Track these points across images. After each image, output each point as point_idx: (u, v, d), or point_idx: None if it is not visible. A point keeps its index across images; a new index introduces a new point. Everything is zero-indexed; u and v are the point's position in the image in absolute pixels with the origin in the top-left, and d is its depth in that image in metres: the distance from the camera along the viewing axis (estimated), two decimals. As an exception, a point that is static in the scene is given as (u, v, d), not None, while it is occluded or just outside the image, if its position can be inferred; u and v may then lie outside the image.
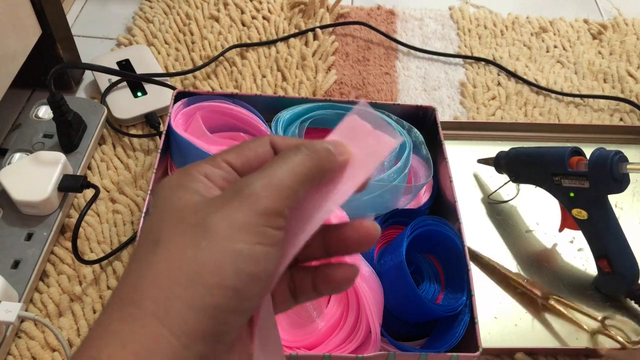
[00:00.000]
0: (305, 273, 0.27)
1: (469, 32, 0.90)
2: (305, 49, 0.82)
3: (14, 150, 0.63)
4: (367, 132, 0.27)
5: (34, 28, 0.65)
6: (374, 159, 0.26)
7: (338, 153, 0.26)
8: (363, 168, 0.26)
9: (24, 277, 0.53)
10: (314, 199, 0.25)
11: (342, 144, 0.26)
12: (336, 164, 0.26)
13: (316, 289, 0.26)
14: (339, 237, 0.26)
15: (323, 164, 0.25)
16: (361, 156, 0.26)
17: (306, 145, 0.25)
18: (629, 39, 0.91)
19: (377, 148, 0.26)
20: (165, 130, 0.59)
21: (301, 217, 0.25)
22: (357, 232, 0.26)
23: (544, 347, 0.55)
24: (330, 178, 0.26)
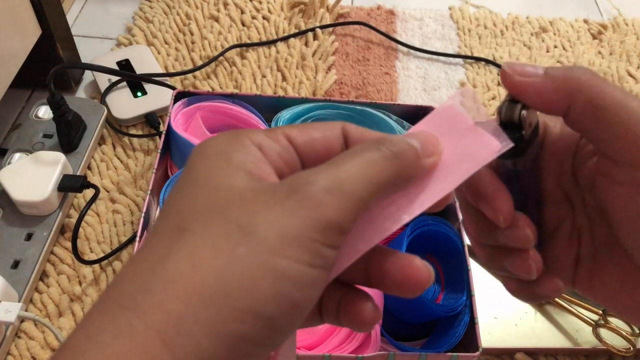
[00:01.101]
0: (335, 293, 0.21)
1: (469, 32, 0.90)
2: (305, 49, 0.82)
3: (13, 150, 0.63)
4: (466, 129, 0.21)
5: (34, 28, 0.65)
6: (469, 164, 0.20)
7: (425, 154, 0.20)
8: (453, 174, 0.20)
9: (24, 277, 0.53)
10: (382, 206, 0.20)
11: (433, 142, 0.21)
12: (421, 169, 0.20)
13: (338, 316, 0.21)
14: (381, 268, 0.21)
15: (407, 171, 0.20)
16: (453, 158, 0.21)
17: (386, 143, 0.19)
18: (629, 39, 0.91)
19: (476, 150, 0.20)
20: (165, 130, 0.59)
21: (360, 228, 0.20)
22: (401, 272, 0.20)
23: (544, 347, 0.55)
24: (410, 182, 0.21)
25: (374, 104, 0.65)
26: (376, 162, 0.19)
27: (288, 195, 0.18)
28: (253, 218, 0.17)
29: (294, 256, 0.17)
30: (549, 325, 0.57)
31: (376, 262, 0.21)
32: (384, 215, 0.20)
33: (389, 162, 0.19)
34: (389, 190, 0.19)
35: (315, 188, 0.18)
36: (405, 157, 0.20)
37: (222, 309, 0.16)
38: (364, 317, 0.21)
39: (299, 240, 0.17)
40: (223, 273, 0.16)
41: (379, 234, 0.20)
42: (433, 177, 0.20)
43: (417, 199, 0.20)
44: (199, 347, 0.15)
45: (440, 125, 0.21)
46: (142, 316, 0.16)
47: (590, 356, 0.56)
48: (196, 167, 0.19)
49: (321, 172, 0.18)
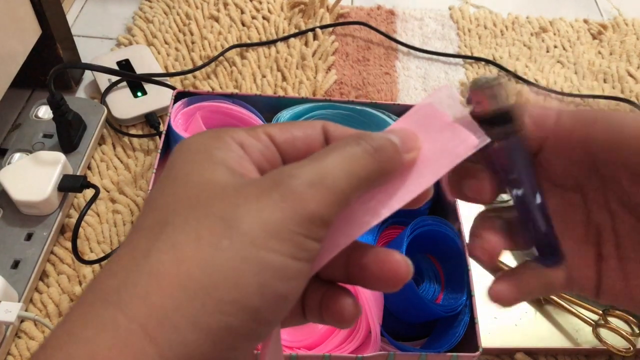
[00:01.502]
0: (317, 291, 0.22)
1: (469, 32, 0.90)
2: (305, 49, 0.82)
3: (13, 150, 0.63)
4: (444, 125, 0.21)
5: (34, 28, 0.65)
6: (447, 158, 0.21)
7: (405, 149, 0.21)
8: (432, 169, 0.21)
9: (24, 277, 0.53)
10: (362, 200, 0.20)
11: (412, 137, 0.21)
12: (401, 164, 0.21)
13: (320, 314, 0.21)
14: (360, 263, 0.21)
15: (387, 165, 0.20)
16: (432, 153, 0.21)
17: (366, 139, 0.20)
18: (629, 39, 0.91)
19: (454, 146, 0.21)
20: (165, 130, 0.59)
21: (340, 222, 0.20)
22: (380, 266, 0.20)
23: (544, 347, 0.55)
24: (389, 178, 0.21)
25: (374, 104, 0.65)
26: (357, 156, 0.19)
27: (271, 189, 0.18)
28: (236, 211, 0.17)
29: (278, 248, 0.17)
30: (549, 325, 0.57)
31: (356, 257, 0.21)
32: (364, 210, 0.20)
33: (370, 157, 0.19)
34: (369, 184, 0.20)
35: (297, 181, 0.18)
36: (385, 151, 0.20)
37: (207, 301, 0.16)
38: (345, 313, 0.21)
39: (282, 232, 0.17)
40: (207, 265, 0.16)
41: (358, 228, 0.20)
42: (412, 172, 0.21)
43: (397, 193, 0.21)
44: (184, 340, 0.15)
45: (419, 122, 0.22)
46: (126, 310, 0.15)
47: (590, 356, 0.56)
48: (177, 164, 0.19)
49: (303, 166, 0.18)
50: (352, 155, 0.19)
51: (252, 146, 0.20)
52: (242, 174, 0.19)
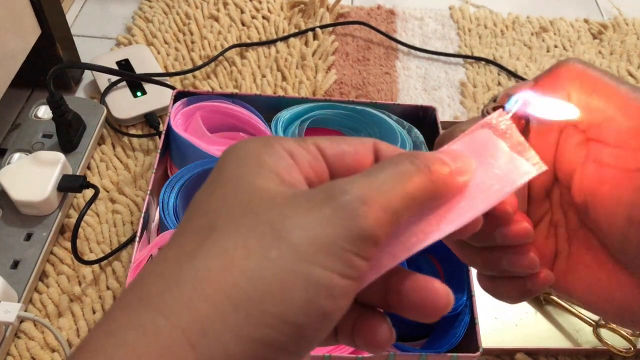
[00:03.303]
0: (351, 312, 0.20)
1: (469, 32, 0.90)
2: (305, 49, 0.82)
3: (13, 150, 0.62)
4: (498, 152, 0.21)
5: (33, 28, 0.65)
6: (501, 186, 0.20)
7: (458, 172, 0.20)
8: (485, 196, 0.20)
9: (24, 278, 0.53)
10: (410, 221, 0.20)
11: (465, 160, 0.21)
12: (454, 187, 0.20)
13: (352, 336, 0.21)
14: (399, 289, 0.20)
15: (440, 187, 0.19)
16: (485, 180, 0.20)
17: (420, 158, 0.19)
18: (629, 39, 0.91)
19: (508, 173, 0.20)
20: (164, 130, 0.59)
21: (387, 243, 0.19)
22: (419, 295, 0.20)
23: (544, 347, 0.55)
24: None
25: (374, 103, 0.65)
26: (411, 174, 0.19)
27: (323, 203, 0.17)
28: (286, 222, 0.17)
29: (327, 265, 0.16)
30: (549, 325, 0.57)
31: (395, 282, 0.20)
32: (412, 232, 0.20)
33: (423, 176, 0.19)
34: (421, 205, 0.19)
35: (350, 197, 0.17)
36: (438, 172, 0.19)
37: (252, 312, 0.15)
38: (378, 338, 0.20)
39: (331, 248, 0.17)
40: (254, 276, 0.16)
41: (405, 250, 0.19)
42: (464, 196, 0.20)
43: (447, 217, 0.20)
44: (225, 351, 0.15)
45: (472, 147, 0.21)
46: (169, 315, 0.15)
47: (591, 356, 0.56)
48: (227, 168, 0.19)
49: (356, 182, 0.18)
50: (406, 173, 0.19)
51: (301, 156, 0.19)
52: (291, 183, 0.19)
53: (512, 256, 0.24)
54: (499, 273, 0.25)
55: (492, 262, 0.24)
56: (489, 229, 0.23)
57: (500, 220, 0.23)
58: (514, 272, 0.24)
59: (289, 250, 0.16)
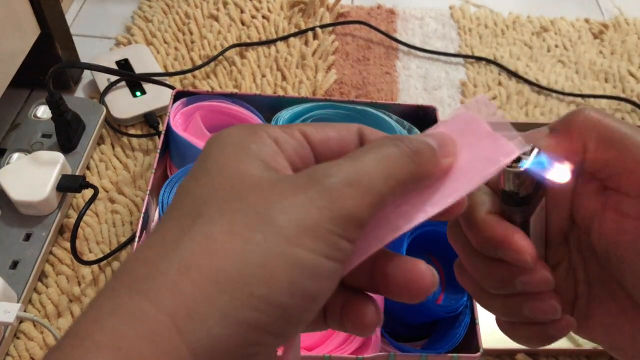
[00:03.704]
0: (339, 296, 0.21)
1: (469, 32, 0.90)
2: (305, 49, 0.82)
3: (12, 150, 0.62)
4: (483, 133, 0.21)
5: (33, 27, 0.65)
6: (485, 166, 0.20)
7: (443, 154, 0.20)
8: (469, 175, 0.20)
9: (23, 278, 0.53)
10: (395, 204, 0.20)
11: (449, 142, 0.21)
12: (438, 168, 0.20)
13: (341, 320, 0.21)
14: (385, 271, 0.20)
15: (424, 168, 0.20)
16: (470, 161, 0.21)
17: (404, 140, 0.20)
18: (630, 39, 0.91)
19: (492, 153, 0.21)
20: (164, 130, 0.59)
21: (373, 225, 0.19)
22: (404, 275, 0.20)
23: (544, 347, 0.55)
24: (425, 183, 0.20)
25: (374, 103, 0.64)
26: (395, 157, 0.19)
27: (307, 186, 0.17)
28: (271, 206, 0.17)
29: (312, 247, 0.17)
30: (550, 325, 0.57)
31: (381, 265, 0.20)
32: (397, 214, 0.20)
33: (407, 158, 0.19)
34: (406, 186, 0.19)
35: (334, 180, 0.18)
36: (423, 154, 0.20)
37: (237, 295, 0.16)
38: (366, 320, 0.21)
39: (316, 231, 0.17)
40: (239, 259, 0.16)
41: (391, 232, 0.20)
42: (448, 178, 0.21)
43: (432, 198, 0.20)
44: (211, 333, 0.15)
45: (457, 129, 0.21)
46: (154, 300, 0.15)
47: (592, 357, 0.56)
48: (212, 155, 0.19)
49: (340, 165, 0.18)
50: (390, 156, 0.19)
51: (286, 143, 0.20)
52: (276, 169, 0.19)
53: (533, 303, 0.24)
54: (520, 319, 0.25)
55: (513, 309, 0.24)
56: (510, 277, 0.23)
57: (521, 270, 0.23)
58: (535, 319, 0.24)
59: (274, 233, 0.16)
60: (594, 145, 0.22)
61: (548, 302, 0.23)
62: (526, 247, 0.22)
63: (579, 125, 0.23)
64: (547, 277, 0.23)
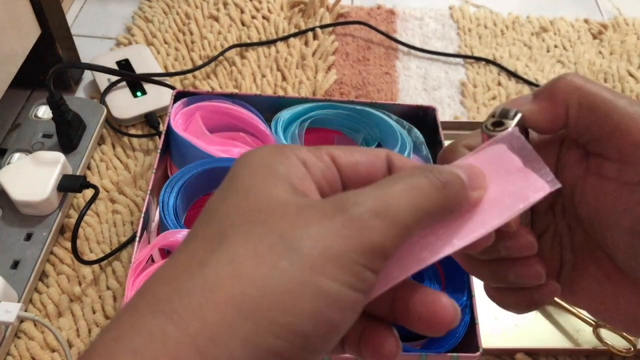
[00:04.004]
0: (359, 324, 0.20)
1: (469, 32, 0.90)
2: (305, 49, 0.82)
3: (13, 150, 0.62)
4: (514, 168, 0.21)
5: (33, 28, 0.65)
6: (515, 202, 0.20)
7: (472, 186, 0.20)
8: (498, 210, 0.20)
9: (24, 278, 0.53)
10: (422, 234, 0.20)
11: (479, 175, 0.21)
12: (467, 201, 0.20)
13: (359, 347, 0.21)
14: (407, 302, 0.20)
15: (453, 201, 0.19)
16: (499, 195, 0.20)
17: (434, 171, 0.19)
18: (629, 39, 0.91)
19: (523, 189, 0.20)
20: (164, 130, 0.59)
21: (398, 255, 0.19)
22: (427, 308, 0.20)
23: (544, 347, 0.55)
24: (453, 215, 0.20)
25: (374, 103, 0.64)
26: (423, 188, 0.19)
27: (334, 214, 0.17)
28: (297, 232, 0.17)
29: (336, 276, 0.16)
30: (549, 325, 0.57)
31: (403, 295, 0.20)
32: (423, 245, 0.20)
33: (436, 190, 0.19)
34: (433, 218, 0.19)
35: (361, 209, 0.17)
36: (452, 186, 0.19)
37: (260, 322, 0.15)
38: (384, 350, 0.20)
39: (342, 260, 0.17)
40: (264, 285, 0.16)
41: (415, 263, 0.19)
42: (477, 212, 0.20)
43: (459, 231, 0.20)
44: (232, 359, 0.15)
45: (487, 162, 0.21)
46: (178, 322, 0.15)
47: (591, 356, 0.56)
48: (239, 176, 0.19)
49: (368, 194, 0.18)
50: (419, 186, 0.19)
51: (314, 165, 0.20)
52: (304, 192, 0.19)
53: (518, 268, 0.24)
54: (506, 285, 0.25)
55: (499, 274, 0.24)
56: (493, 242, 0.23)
57: (504, 234, 0.23)
58: (520, 284, 0.24)
59: (299, 260, 0.16)
60: (575, 110, 0.22)
61: (533, 267, 0.24)
62: None
63: (562, 90, 0.23)
64: (530, 241, 0.23)
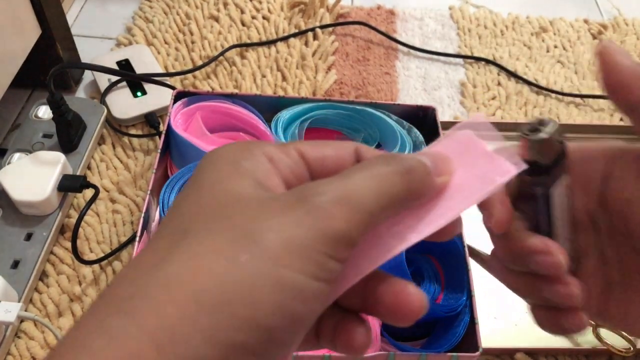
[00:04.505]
0: (333, 317, 0.21)
1: (469, 32, 0.90)
2: (305, 49, 0.82)
3: (13, 150, 0.62)
4: (480, 152, 0.21)
5: (34, 28, 0.65)
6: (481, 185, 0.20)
7: (437, 172, 0.20)
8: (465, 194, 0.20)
9: (24, 277, 0.53)
10: (389, 224, 0.20)
11: (444, 160, 0.21)
12: (432, 187, 0.20)
13: (333, 340, 0.21)
14: (375, 293, 0.20)
15: (417, 187, 0.19)
16: (466, 179, 0.20)
17: (397, 158, 0.19)
18: (629, 39, 0.91)
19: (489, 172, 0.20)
20: (164, 130, 0.59)
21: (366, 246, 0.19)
22: (394, 298, 0.20)
23: (544, 347, 0.55)
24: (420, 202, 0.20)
25: (374, 104, 0.65)
26: (386, 175, 0.19)
27: (295, 204, 0.17)
28: (258, 225, 0.17)
29: (299, 267, 0.16)
30: (549, 325, 0.57)
31: (372, 286, 0.20)
32: (391, 234, 0.20)
33: (399, 176, 0.19)
34: (398, 205, 0.19)
35: (323, 198, 0.17)
36: (415, 172, 0.19)
37: (221, 316, 0.15)
38: (355, 342, 0.20)
39: (304, 250, 0.16)
40: (224, 280, 0.16)
41: (384, 253, 0.19)
42: (444, 197, 0.20)
43: (426, 218, 0.20)
44: (194, 355, 0.15)
45: (453, 148, 0.21)
46: (138, 320, 0.15)
47: (591, 356, 0.56)
48: (204, 173, 0.19)
49: (330, 184, 0.18)
50: (382, 174, 0.19)
51: (281, 161, 0.19)
52: (268, 187, 0.19)
53: (553, 285, 0.24)
54: (541, 302, 0.25)
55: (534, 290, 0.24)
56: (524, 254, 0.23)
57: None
58: (554, 303, 0.24)
59: (261, 253, 0.16)
60: None
61: (568, 286, 0.23)
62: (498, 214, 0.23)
63: None
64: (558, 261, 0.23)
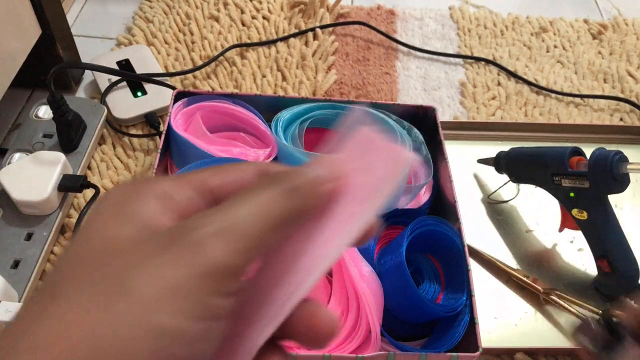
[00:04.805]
0: None
1: (469, 32, 0.90)
2: (305, 49, 0.82)
3: (13, 150, 0.63)
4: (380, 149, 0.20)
5: (34, 28, 0.65)
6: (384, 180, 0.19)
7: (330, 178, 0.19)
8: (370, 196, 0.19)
9: (24, 277, 0.53)
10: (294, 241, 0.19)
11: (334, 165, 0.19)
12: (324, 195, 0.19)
13: None
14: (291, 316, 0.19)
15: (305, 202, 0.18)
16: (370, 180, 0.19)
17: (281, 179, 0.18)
18: (629, 39, 0.91)
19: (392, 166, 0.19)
20: (165, 130, 0.59)
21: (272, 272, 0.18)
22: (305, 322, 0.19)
23: (544, 347, 0.55)
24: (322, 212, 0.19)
25: (374, 104, 0.65)
26: (269, 197, 0.18)
27: (170, 243, 0.16)
28: (131, 272, 0.16)
29: (174, 310, 0.15)
30: (549, 325, 0.57)
31: None
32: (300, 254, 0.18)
33: (283, 197, 0.18)
34: (287, 224, 0.18)
35: (202, 232, 0.16)
36: (301, 189, 0.18)
37: None
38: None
39: (180, 291, 0.15)
40: (93, 335, 0.15)
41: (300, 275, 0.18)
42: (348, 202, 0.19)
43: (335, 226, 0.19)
44: None
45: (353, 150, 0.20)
46: None
47: (590, 356, 0.56)
48: (90, 221, 0.18)
49: (209, 215, 0.17)
50: (263, 197, 0.18)
51: (177, 195, 0.18)
52: (157, 227, 0.17)
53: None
54: None
55: None
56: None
57: None
58: None
59: (133, 302, 0.15)
60: None
61: None
62: None
63: None
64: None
